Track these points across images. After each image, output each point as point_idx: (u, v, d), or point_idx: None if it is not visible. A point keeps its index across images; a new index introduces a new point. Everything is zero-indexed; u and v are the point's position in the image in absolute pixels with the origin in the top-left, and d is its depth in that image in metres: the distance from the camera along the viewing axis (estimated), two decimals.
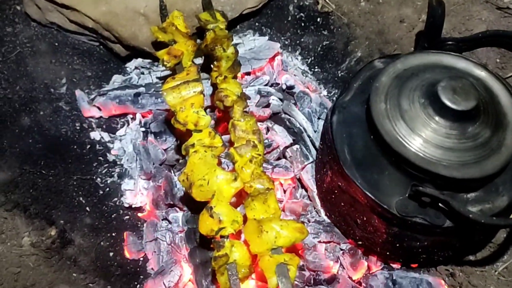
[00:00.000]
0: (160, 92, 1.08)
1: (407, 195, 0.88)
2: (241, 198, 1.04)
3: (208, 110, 1.21)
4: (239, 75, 1.25)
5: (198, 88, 1.04)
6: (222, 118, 1.22)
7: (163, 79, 1.23)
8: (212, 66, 1.14)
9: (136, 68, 1.33)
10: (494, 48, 1.18)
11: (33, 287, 0.95)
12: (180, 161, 1.19)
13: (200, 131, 1.01)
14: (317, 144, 1.16)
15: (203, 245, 1.05)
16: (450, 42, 1.01)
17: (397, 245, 0.97)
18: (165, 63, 1.09)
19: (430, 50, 0.97)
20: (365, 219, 0.97)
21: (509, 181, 0.88)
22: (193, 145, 0.99)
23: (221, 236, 0.91)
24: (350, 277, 1.06)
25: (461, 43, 1.02)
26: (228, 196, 0.95)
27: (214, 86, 1.13)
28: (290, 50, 1.39)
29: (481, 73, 0.92)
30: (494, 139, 0.86)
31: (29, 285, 0.95)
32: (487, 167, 0.84)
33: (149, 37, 1.21)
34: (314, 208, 1.16)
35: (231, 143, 1.05)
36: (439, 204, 0.84)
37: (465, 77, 0.87)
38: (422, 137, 0.86)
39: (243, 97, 1.06)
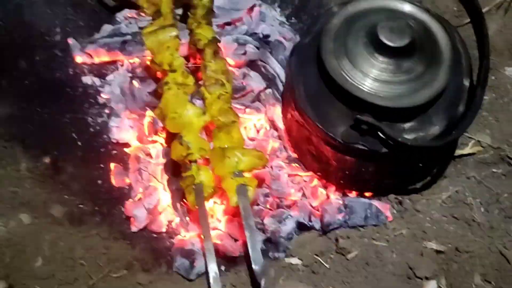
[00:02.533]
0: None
1: (350, 125, 0.99)
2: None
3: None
4: (216, 23, 1.35)
5: (173, 32, 1.16)
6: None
7: None
8: (189, 14, 1.25)
9: (124, 18, 1.43)
10: None
11: (29, 204, 1.10)
12: None
13: (175, 71, 1.13)
14: None
15: (179, 175, 1.18)
16: None
17: (347, 172, 1.09)
18: (145, 9, 1.20)
19: None
20: (319, 150, 1.09)
21: (441, 113, 0.99)
22: (167, 83, 1.11)
23: (189, 161, 1.05)
24: (310, 204, 1.19)
25: None
26: (197, 127, 1.08)
27: (190, 31, 1.24)
28: (268, 2, 1.47)
29: (423, 16, 1.02)
30: (428, 74, 0.97)
31: (26, 202, 1.10)
32: (418, 98, 0.95)
33: None
34: (284, 147, 1.28)
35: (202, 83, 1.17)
36: (377, 132, 0.96)
37: (403, 18, 0.97)
38: (362, 72, 0.96)
39: (215, 41, 1.17)
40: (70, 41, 1.37)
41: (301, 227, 1.14)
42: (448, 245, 1.05)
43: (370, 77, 0.96)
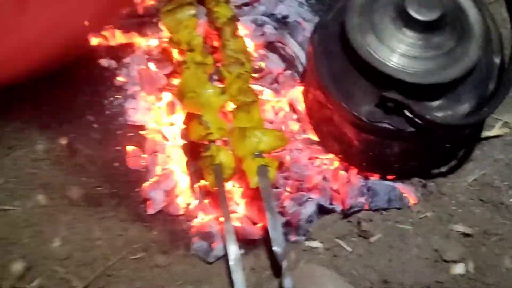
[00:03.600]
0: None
1: (376, 103, 0.96)
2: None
3: None
4: (234, 4, 1.32)
5: (192, 11, 1.13)
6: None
7: None
8: None
9: (142, 0, 1.41)
10: None
11: (46, 185, 1.08)
12: None
13: (193, 50, 1.11)
14: None
15: (198, 157, 1.16)
16: None
17: (371, 154, 1.06)
18: None
19: None
20: (341, 131, 1.06)
21: (471, 91, 0.95)
22: (185, 62, 1.09)
23: (209, 141, 1.02)
24: (331, 187, 1.16)
25: None
26: (216, 107, 1.06)
27: (208, 10, 1.21)
28: None
29: None
30: (458, 49, 0.93)
31: (44, 184, 1.08)
32: (448, 74, 0.91)
33: None
34: (303, 130, 1.25)
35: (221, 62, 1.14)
36: (403, 109, 0.92)
37: None
38: (389, 47, 0.93)
39: (234, 19, 1.15)
40: (86, 23, 1.35)
41: (322, 210, 1.11)
42: (475, 228, 1.02)
43: (398, 53, 0.92)
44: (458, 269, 0.97)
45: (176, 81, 1.23)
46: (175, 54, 1.24)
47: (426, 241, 1.02)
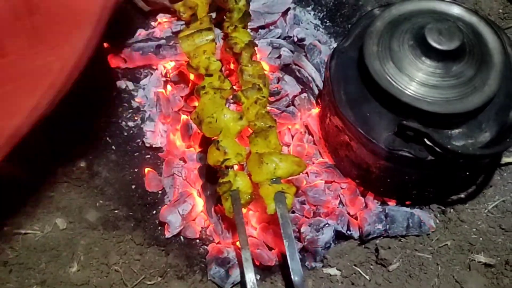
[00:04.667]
0: (177, 40, 1.18)
1: (394, 131, 0.95)
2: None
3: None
4: (251, 27, 1.33)
5: (210, 36, 1.14)
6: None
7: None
8: (224, 17, 1.23)
9: (158, 23, 1.43)
10: None
11: (64, 209, 1.09)
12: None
13: (211, 75, 1.11)
14: None
15: (214, 180, 1.16)
16: None
17: (389, 180, 1.05)
18: (181, 13, 1.18)
19: None
20: (359, 157, 1.05)
21: (492, 119, 0.94)
22: (204, 87, 1.09)
23: (226, 167, 1.02)
24: (348, 212, 1.15)
25: None
26: (234, 132, 1.06)
27: (226, 35, 1.22)
28: (303, 5, 1.45)
29: (471, 18, 0.98)
30: (478, 78, 0.92)
31: (62, 207, 1.09)
32: (468, 103, 0.90)
33: None
34: (319, 152, 1.25)
35: (239, 87, 1.15)
36: (423, 138, 0.92)
37: (451, 20, 0.93)
38: (408, 76, 0.92)
39: (251, 45, 1.15)
40: (105, 45, 1.37)
41: (339, 236, 1.10)
42: (497, 258, 1.00)
43: (417, 81, 0.92)
44: None
45: (193, 104, 1.24)
46: (192, 76, 1.25)
47: (447, 271, 1.00)
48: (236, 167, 1.06)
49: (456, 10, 0.99)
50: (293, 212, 1.14)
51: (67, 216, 1.08)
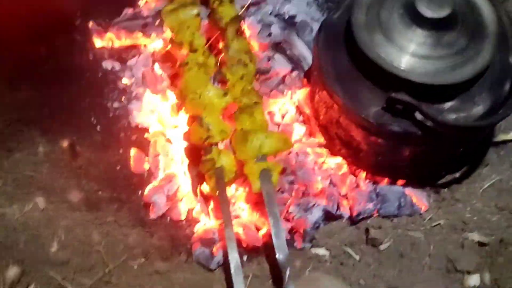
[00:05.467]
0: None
1: (383, 105, 0.91)
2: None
3: None
4: (240, 3, 1.29)
5: (195, 10, 1.10)
6: None
7: None
8: None
9: (145, 1, 1.39)
10: None
11: (45, 189, 1.06)
12: None
13: (195, 50, 1.08)
14: None
15: (199, 160, 1.13)
16: None
17: (380, 158, 1.02)
18: None
19: None
20: (348, 133, 1.02)
21: (485, 92, 0.90)
22: (187, 63, 1.05)
23: (210, 144, 0.99)
24: (338, 192, 1.12)
25: None
26: (218, 109, 1.02)
27: (212, 10, 1.18)
28: None
29: None
30: (471, 48, 0.88)
31: (42, 187, 1.06)
32: (461, 74, 0.86)
33: None
34: (310, 132, 1.21)
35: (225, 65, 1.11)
36: (413, 112, 0.88)
37: None
38: (398, 46, 0.88)
39: (237, 20, 1.11)
40: (91, 24, 1.33)
41: (329, 216, 1.07)
42: (491, 236, 0.97)
43: (407, 52, 0.88)
44: (473, 280, 0.92)
45: (178, 82, 1.20)
46: (179, 55, 1.21)
47: (439, 250, 0.97)
48: (221, 145, 1.03)
49: None
50: (282, 192, 1.11)
51: (48, 197, 1.05)
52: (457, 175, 1.08)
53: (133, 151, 1.18)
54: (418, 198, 1.06)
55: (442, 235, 0.99)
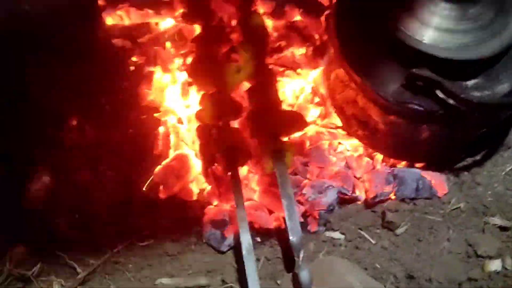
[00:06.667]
0: None
1: (403, 83, 0.87)
2: None
3: None
4: None
5: None
6: None
7: None
8: None
9: None
10: None
11: (52, 170, 1.04)
12: None
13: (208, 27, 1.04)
14: None
15: (211, 141, 1.10)
16: None
17: (397, 138, 0.98)
18: None
19: None
20: (366, 113, 0.98)
21: (510, 69, 0.85)
22: (200, 39, 1.02)
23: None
24: (354, 175, 1.08)
25: None
26: (231, 86, 0.99)
27: None
28: None
29: None
30: (497, 22, 0.83)
31: (49, 166, 1.04)
32: (485, 49, 0.82)
33: None
34: (326, 113, 1.17)
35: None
36: (434, 89, 0.84)
37: None
38: (420, 20, 0.84)
39: None
40: (100, 2, 1.30)
41: (344, 199, 1.04)
42: None
43: (429, 26, 0.83)
44: (494, 265, 0.89)
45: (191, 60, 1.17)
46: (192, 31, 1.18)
47: (459, 235, 0.93)
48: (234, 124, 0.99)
49: None
50: (296, 174, 1.07)
51: (52, 177, 1.02)
52: (478, 157, 1.04)
53: (142, 131, 1.15)
54: (437, 181, 1.02)
55: (462, 219, 0.95)
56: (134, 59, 1.27)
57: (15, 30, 1.12)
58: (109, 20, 1.29)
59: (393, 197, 1.02)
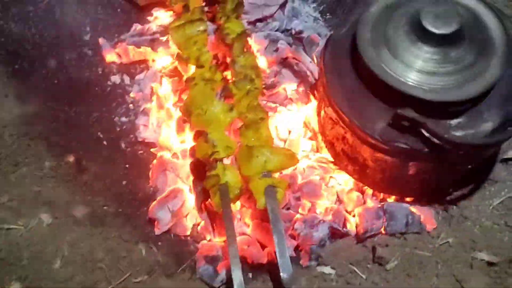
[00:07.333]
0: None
1: (389, 122, 0.90)
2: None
3: None
4: (248, 20, 1.29)
5: (202, 27, 1.11)
6: None
7: None
8: (217, 8, 1.19)
9: (154, 17, 1.40)
10: None
11: (50, 204, 1.06)
12: None
13: (202, 66, 1.08)
14: None
15: (204, 176, 1.12)
16: None
17: (386, 175, 1.00)
18: (172, 4, 1.15)
19: None
20: (355, 150, 1.00)
21: (494, 108, 0.89)
22: (193, 79, 1.06)
23: (215, 160, 0.98)
24: (345, 209, 1.10)
25: None
26: (224, 124, 1.02)
27: (218, 27, 1.18)
28: None
29: (471, 2, 0.92)
30: (479, 64, 0.87)
31: (47, 202, 1.06)
32: (468, 91, 0.85)
33: None
34: (317, 148, 1.20)
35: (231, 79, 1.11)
36: (419, 128, 0.86)
37: (449, 4, 0.87)
38: (404, 62, 0.88)
39: (244, 35, 1.11)
40: (100, 40, 1.35)
41: (335, 233, 1.05)
42: (501, 256, 0.94)
43: (413, 68, 0.87)
44: None
45: (184, 98, 1.20)
46: (186, 70, 1.21)
47: (447, 270, 0.94)
48: (226, 161, 1.02)
49: None
50: (288, 208, 1.10)
51: (53, 212, 1.05)
52: (466, 192, 1.06)
53: (138, 167, 1.18)
54: (426, 216, 1.04)
55: (450, 254, 0.97)
56: (131, 95, 1.31)
57: None
58: (108, 57, 1.33)
59: (383, 231, 1.03)
